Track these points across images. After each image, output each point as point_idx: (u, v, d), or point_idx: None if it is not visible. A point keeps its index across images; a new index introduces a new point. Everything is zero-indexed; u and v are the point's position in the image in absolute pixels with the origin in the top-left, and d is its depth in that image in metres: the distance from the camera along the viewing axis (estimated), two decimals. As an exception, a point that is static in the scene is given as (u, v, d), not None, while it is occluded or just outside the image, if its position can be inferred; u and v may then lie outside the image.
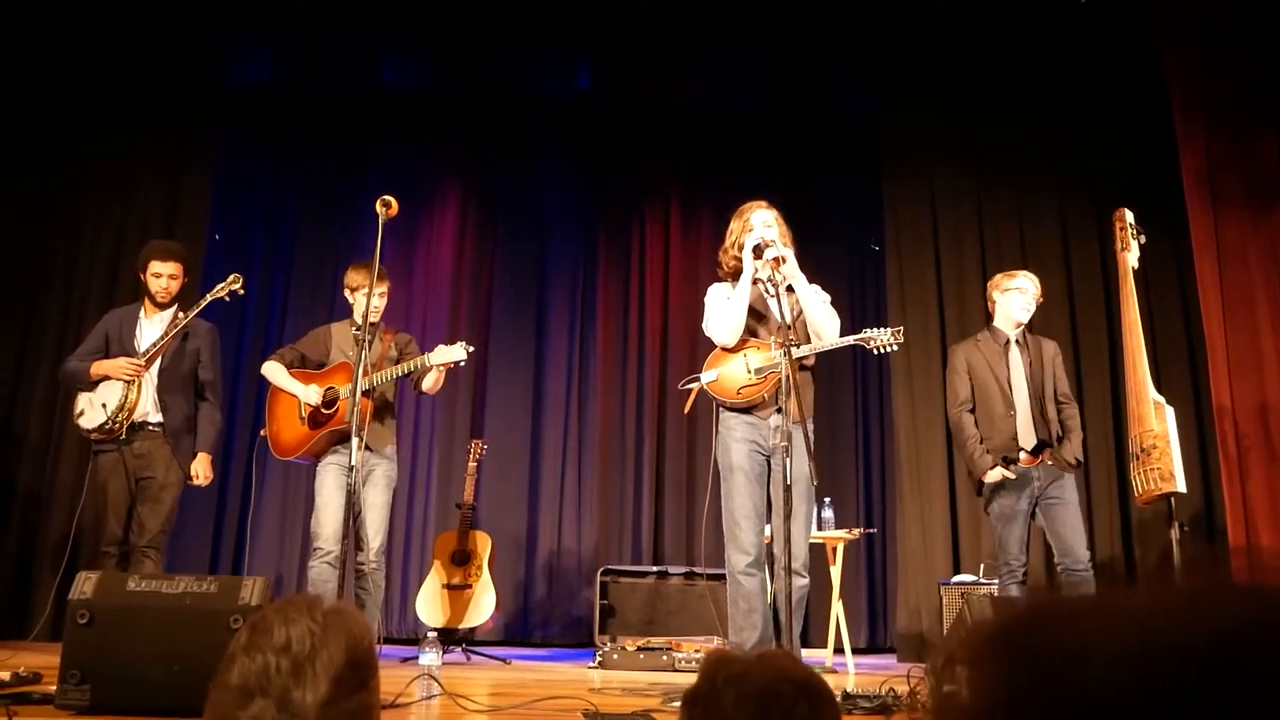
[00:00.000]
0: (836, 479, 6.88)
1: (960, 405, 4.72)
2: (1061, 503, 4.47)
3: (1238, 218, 5.64)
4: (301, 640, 1.24)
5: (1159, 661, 0.52)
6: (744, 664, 1.27)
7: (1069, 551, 4.43)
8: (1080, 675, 0.54)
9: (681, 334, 7.17)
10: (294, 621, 1.26)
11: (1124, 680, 0.52)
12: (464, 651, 5.68)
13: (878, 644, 6.87)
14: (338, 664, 1.24)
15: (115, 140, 6.83)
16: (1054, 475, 4.51)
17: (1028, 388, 4.60)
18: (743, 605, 3.95)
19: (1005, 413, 4.58)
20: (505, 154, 7.59)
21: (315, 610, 1.29)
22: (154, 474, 4.76)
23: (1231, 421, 5.44)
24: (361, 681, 1.28)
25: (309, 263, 7.32)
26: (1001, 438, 4.57)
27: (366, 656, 1.30)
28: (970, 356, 4.75)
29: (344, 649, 1.26)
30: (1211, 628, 0.53)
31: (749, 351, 4.10)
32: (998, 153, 6.88)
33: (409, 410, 7.02)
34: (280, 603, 1.32)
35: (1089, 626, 0.56)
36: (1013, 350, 4.68)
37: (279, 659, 1.22)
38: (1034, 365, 4.64)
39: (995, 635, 0.61)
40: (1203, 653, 0.52)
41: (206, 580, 2.73)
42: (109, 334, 4.93)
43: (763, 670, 1.25)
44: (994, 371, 4.65)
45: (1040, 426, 4.54)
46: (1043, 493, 4.51)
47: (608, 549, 6.98)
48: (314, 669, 1.22)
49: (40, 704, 2.69)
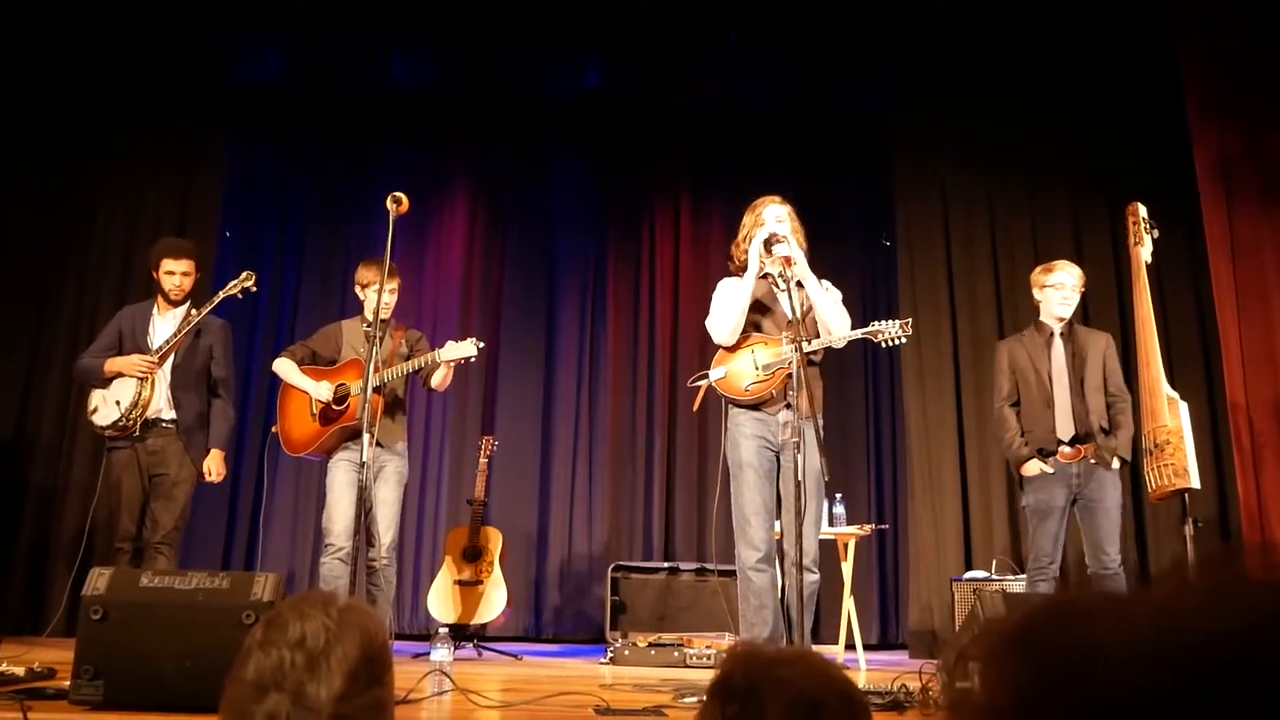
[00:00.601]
0: (848, 475, 6.87)
1: (1002, 400, 4.74)
2: (1100, 505, 4.43)
3: (1252, 212, 5.60)
4: (316, 636, 1.24)
5: (1176, 659, 0.52)
6: (788, 668, 1.23)
7: (1098, 553, 4.42)
8: (1097, 674, 0.54)
9: (692, 331, 7.16)
10: (309, 617, 1.26)
11: (1140, 679, 0.52)
12: (475, 647, 5.69)
13: (889, 640, 6.86)
14: (352, 659, 1.24)
15: (126, 140, 6.85)
16: (1094, 472, 4.46)
17: (1068, 381, 4.57)
18: (753, 601, 3.95)
19: (1044, 407, 4.57)
20: (515, 152, 7.59)
21: (330, 606, 1.29)
22: (167, 471, 4.78)
23: (1245, 417, 5.42)
24: (376, 677, 1.28)
25: (320, 260, 7.33)
26: (1041, 431, 4.55)
27: (381, 652, 1.31)
28: (1013, 351, 4.76)
29: (358, 645, 1.26)
30: (1228, 625, 0.52)
31: (757, 348, 4.09)
32: (1009, 147, 6.84)
33: (420, 407, 7.03)
34: (295, 598, 1.33)
35: (1105, 625, 0.56)
36: (1055, 344, 4.65)
37: (294, 654, 1.23)
38: (1077, 358, 4.60)
39: (1010, 633, 0.60)
40: (1219, 650, 0.51)
41: (219, 576, 2.74)
42: (122, 331, 4.95)
43: (808, 676, 1.22)
44: (1035, 365, 4.64)
45: (1080, 420, 4.51)
46: (1081, 490, 4.48)
47: (619, 545, 6.98)
48: (329, 664, 1.23)
49: (54, 699, 2.70)
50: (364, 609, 1.34)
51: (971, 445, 6.48)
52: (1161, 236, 4.87)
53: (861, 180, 7.46)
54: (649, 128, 7.54)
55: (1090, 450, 4.47)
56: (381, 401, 4.63)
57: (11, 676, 3.04)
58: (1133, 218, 4.86)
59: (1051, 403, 4.56)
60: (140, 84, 6.77)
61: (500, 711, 3.07)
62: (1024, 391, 4.66)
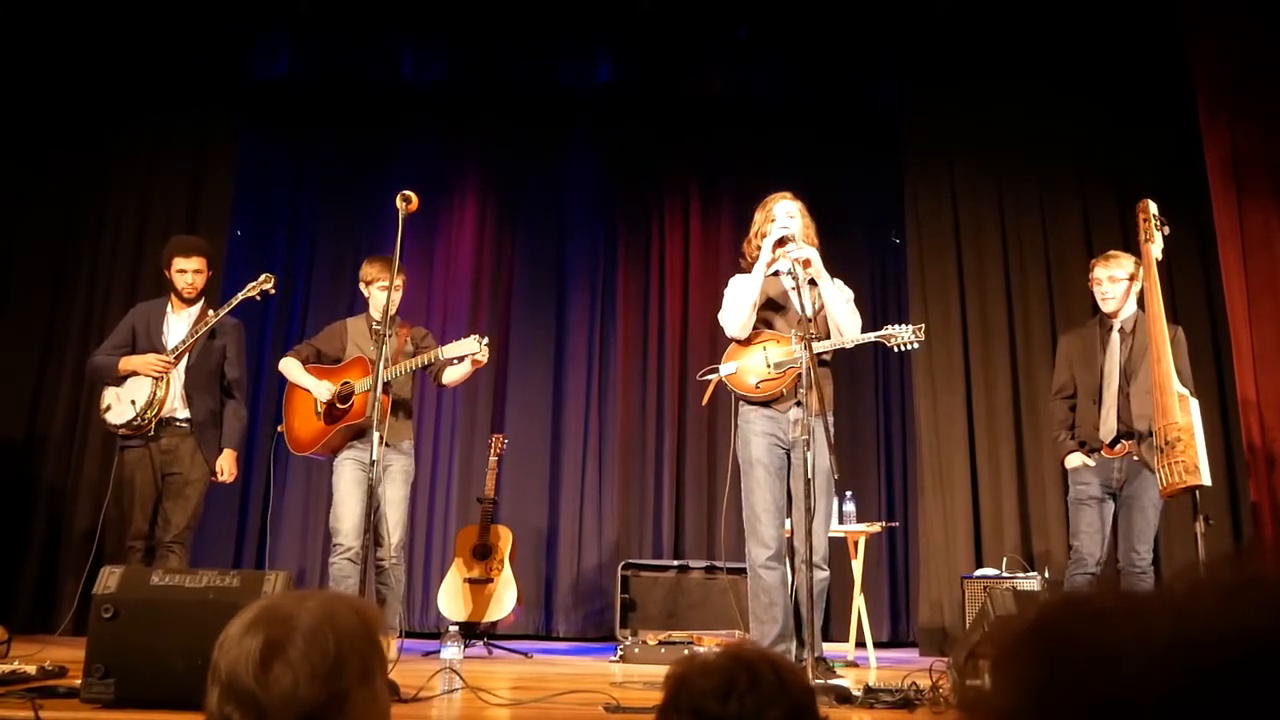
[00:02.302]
0: (858, 472, 6.86)
1: (1055, 393, 4.75)
2: (1137, 503, 4.41)
3: (1263, 209, 5.58)
4: (280, 630, 1.24)
5: (1195, 658, 0.52)
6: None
7: (1130, 550, 4.41)
8: (1115, 673, 0.53)
9: (701, 327, 7.16)
10: (279, 610, 1.26)
11: (1160, 678, 0.52)
12: (485, 645, 5.69)
13: (899, 638, 6.85)
14: (320, 656, 1.23)
15: (136, 138, 6.86)
16: (1136, 470, 4.44)
17: (1118, 376, 4.54)
18: (763, 599, 3.95)
19: (1091, 402, 4.56)
20: (524, 148, 7.60)
21: (309, 602, 1.28)
22: (180, 469, 4.78)
23: (1256, 414, 5.39)
24: (340, 674, 1.26)
25: (330, 258, 7.35)
26: (1087, 426, 4.55)
27: (360, 644, 1.29)
28: (1070, 344, 4.77)
29: (331, 639, 1.25)
30: (1246, 624, 0.52)
31: (769, 345, 4.09)
32: (1019, 143, 6.82)
33: (430, 405, 7.04)
34: (274, 597, 1.32)
35: (1122, 624, 0.55)
36: (1112, 338, 4.61)
37: (256, 649, 1.22)
38: (1134, 353, 4.55)
39: (1025, 632, 0.60)
40: (1238, 649, 0.51)
41: (229, 574, 2.74)
42: (136, 329, 4.96)
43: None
44: (1087, 360, 4.62)
45: (1125, 417, 4.48)
46: (1122, 488, 4.46)
47: (628, 543, 6.98)
48: (291, 660, 1.22)
49: (66, 697, 2.71)
50: (343, 604, 1.33)
51: (982, 442, 6.46)
52: (1172, 233, 4.84)
53: (871, 176, 7.45)
54: (658, 124, 7.55)
55: (1132, 447, 4.44)
56: (387, 400, 4.60)
57: (23, 675, 3.05)
58: (1143, 214, 4.83)
59: (1099, 399, 4.53)
60: (150, 82, 6.79)
61: (511, 709, 3.07)
62: (1079, 385, 4.66)
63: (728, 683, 1.25)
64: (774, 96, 7.43)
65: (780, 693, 1.25)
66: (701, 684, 1.27)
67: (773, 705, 1.24)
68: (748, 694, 1.24)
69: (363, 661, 1.29)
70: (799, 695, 1.27)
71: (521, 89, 7.38)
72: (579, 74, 7.37)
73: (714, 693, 1.25)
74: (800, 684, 1.30)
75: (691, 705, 1.27)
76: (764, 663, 1.28)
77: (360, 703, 1.28)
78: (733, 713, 1.23)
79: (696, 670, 1.30)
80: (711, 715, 1.24)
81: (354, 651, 1.27)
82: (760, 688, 1.25)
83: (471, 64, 7.20)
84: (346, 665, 1.26)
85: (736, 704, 1.23)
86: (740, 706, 1.23)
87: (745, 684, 1.25)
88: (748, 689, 1.24)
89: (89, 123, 6.77)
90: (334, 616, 1.27)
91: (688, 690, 1.28)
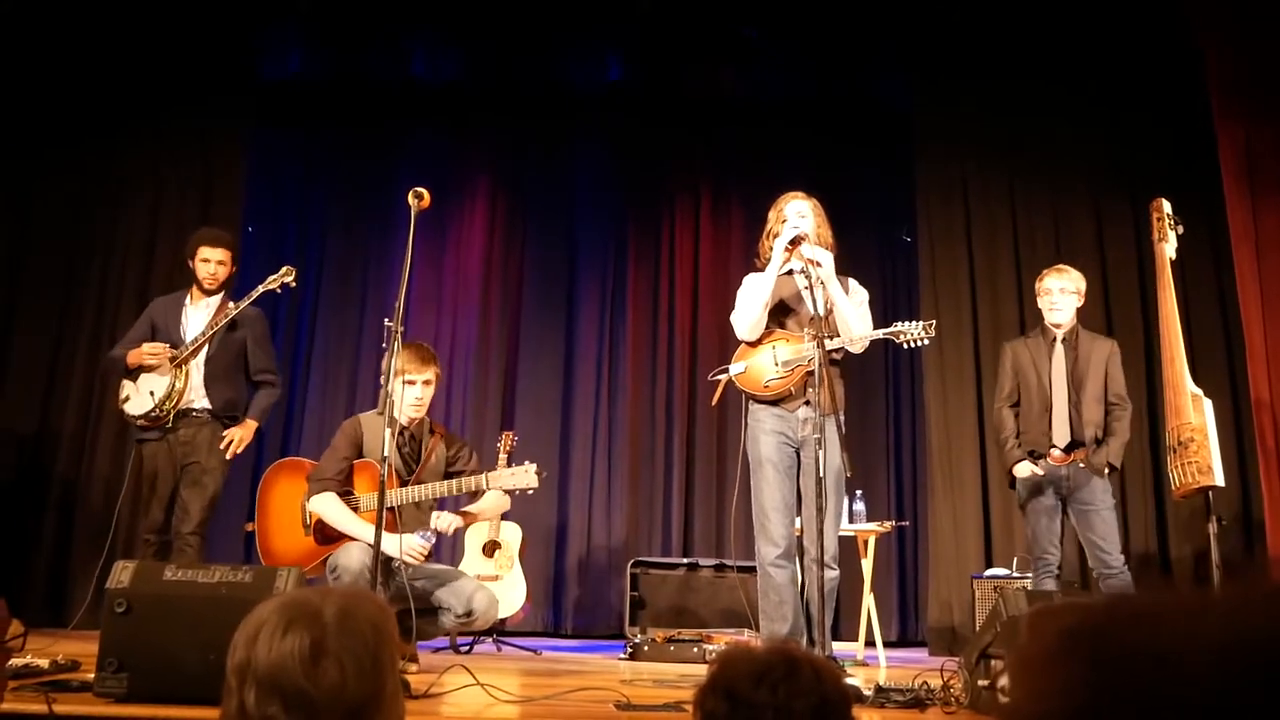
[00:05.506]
0: (868, 471, 6.85)
1: (1001, 400, 4.77)
2: (1093, 510, 4.46)
3: (1277, 207, 5.54)
4: (316, 627, 1.24)
5: (1248, 660, 0.52)
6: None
7: (1102, 556, 4.44)
8: (1172, 675, 0.53)
9: (711, 326, 7.15)
10: (307, 605, 1.26)
11: (1213, 680, 0.52)
12: (495, 642, 5.70)
13: (909, 637, 6.85)
14: (358, 652, 1.24)
15: (149, 134, 6.87)
16: (1086, 477, 4.48)
17: (1066, 386, 4.56)
18: (773, 597, 3.95)
19: (1041, 410, 4.58)
20: (535, 146, 7.61)
21: (330, 597, 1.29)
22: (198, 459, 4.81)
23: (1270, 415, 5.37)
24: (380, 668, 1.27)
25: (341, 255, 7.37)
26: (1035, 434, 4.59)
27: (388, 641, 1.30)
28: (1017, 353, 4.79)
29: (363, 637, 1.25)
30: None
31: (778, 344, 4.09)
32: (1031, 142, 6.79)
33: (439, 404, 7.04)
34: (299, 590, 1.32)
35: (1172, 628, 0.55)
36: (1057, 348, 4.65)
37: (304, 646, 1.22)
38: (1079, 366, 4.60)
39: (1069, 636, 0.60)
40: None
41: (242, 570, 2.75)
42: (155, 322, 4.99)
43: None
44: (1036, 368, 4.66)
45: (1076, 426, 4.51)
46: (1072, 495, 4.49)
47: (638, 541, 6.98)
48: (338, 656, 1.22)
49: (78, 692, 2.71)
50: (367, 599, 1.33)
51: (992, 442, 6.42)
52: (1185, 232, 4.84)
53: (882, 175, 7.44)
54: (669, 122, 7.55)
55: (1081, 456, 4.47)
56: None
57: (36, 669, 3.06)
58: (1156, 213, 4.83)
59: (1049, 408, 4.58)
60: (162, 79, 6.79)
61: (521, 706, 3.07)
62: (1024, 394, 4.70)
63: (764, 670, 1.31)
64: (785, 95, 7.42)
65: (813, 687, 1.30)
66: (740, 668, 1.32)
67: (802, 697, 1.28)
68: (780, 684, 1.29)
69: (391, 655, 1.30)
70: (831, 694, 1.32)
71: (532, 88, 7.38)
72: (589, 73, 7.38)
73: (749, 676, 1.31)
74: (836, 685, 1.34)
75: (726, 686, 1.32)
76: (805, 660, 1.34)
77: (392, 695, 1.30)
78: (763, 698, 1.28)
79: (740, 656, 1.36)
80: (743, 698, 1.29)
81: (383, 645, 1.28)
82: (794, 680, 1.30)
83: (482, 62, 7.21)
84: (382, 659, 1.27)
85: (768, 691, 1.28)
86: (771, 694, 1.28)
87: (780, 674, 1.30)
88: (782, 679, 1.29)
89: (101, 121, 6.77)
90: (359, 611, 1.28)
91: (726, 673, 1.34)
